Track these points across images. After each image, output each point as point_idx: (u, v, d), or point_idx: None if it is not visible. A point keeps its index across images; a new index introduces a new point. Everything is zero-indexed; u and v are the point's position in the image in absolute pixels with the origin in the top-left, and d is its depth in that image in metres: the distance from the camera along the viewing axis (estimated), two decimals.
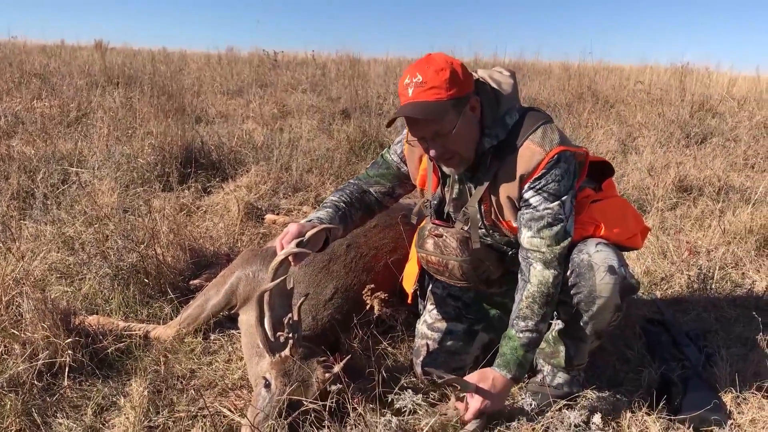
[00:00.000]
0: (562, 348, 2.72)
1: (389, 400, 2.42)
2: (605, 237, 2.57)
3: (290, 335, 2.46)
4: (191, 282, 3.51)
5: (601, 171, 2.85)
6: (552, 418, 2.47)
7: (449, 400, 2.56)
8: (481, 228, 2.65)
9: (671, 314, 3.48)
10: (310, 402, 2.35)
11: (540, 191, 2.44)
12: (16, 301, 2.94)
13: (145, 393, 2.57)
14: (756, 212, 4.56)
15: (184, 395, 2.68)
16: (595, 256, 2.47)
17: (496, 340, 2.86)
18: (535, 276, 2.45)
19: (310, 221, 2.62)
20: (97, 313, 3.17)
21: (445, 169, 2.58)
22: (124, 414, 2.49)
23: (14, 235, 3.72)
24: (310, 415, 2.32)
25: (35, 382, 2.61)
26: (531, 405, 2.56)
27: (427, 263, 2.77)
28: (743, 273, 4.08)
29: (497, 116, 2.49)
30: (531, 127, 2.48)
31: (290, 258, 2.43)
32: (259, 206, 4.79)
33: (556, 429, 2.41)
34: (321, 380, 2.41)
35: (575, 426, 2.43)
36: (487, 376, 2.43)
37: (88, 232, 3.99)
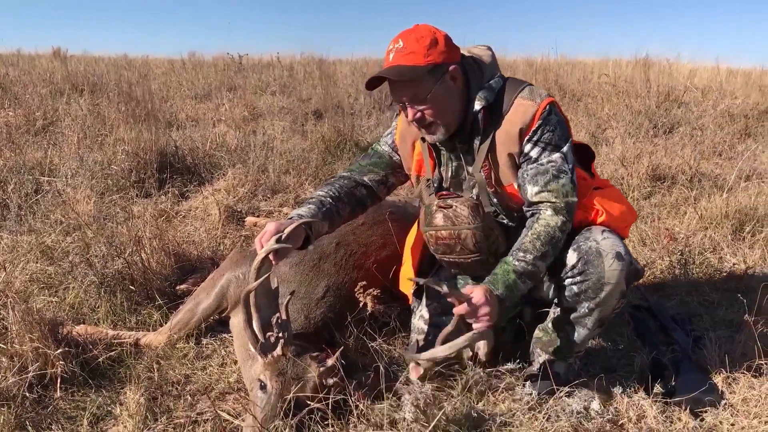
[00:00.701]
0: (559, 336, 2.72)
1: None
2: (606, 224, 2.61)
3: (280, 334, 2.44)
4: (178, 287, 3.46)
5: (582, 154, 2.89)
6: (555, 405, 2.49)
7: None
8: (487, 195, 2.67)
9: (655, 300, 3.54)
10: (310, 400, 2.33)
11: (539, 143, 2.50)
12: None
13: (141, 400, 2.52)
14: (731, 198, 4.66)
15: (181, 401, 2.64)
16: (603, 243, 2.50)
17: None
18: (544, 218, 2.47)
19: (290, 219, 2.61)
20: (84, 323, 3.10)
21: (426, 137, 2.60)
22: (122, 423, 2.44)
23: None
24: (315, 414, 2.30)
25: (27, 394, 2.55)
26: (531, 393, 2.58)
27: (437, 241, 2.70)
28: (721, 257, 4.15)
29: (482, 83, 2.56)
30: (517, 87, 2.57)
31: (271, 256, 2.42)
32: (239, 209, 4.74)
33: (558, 417, 2.43)
34: (317, 375, 2.40)
35: (577, 413, 2.46)
36: (479, 287, 2.38)
37: (66, 241, 3.93)
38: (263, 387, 2.41)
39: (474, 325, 2.35)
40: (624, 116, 7.61)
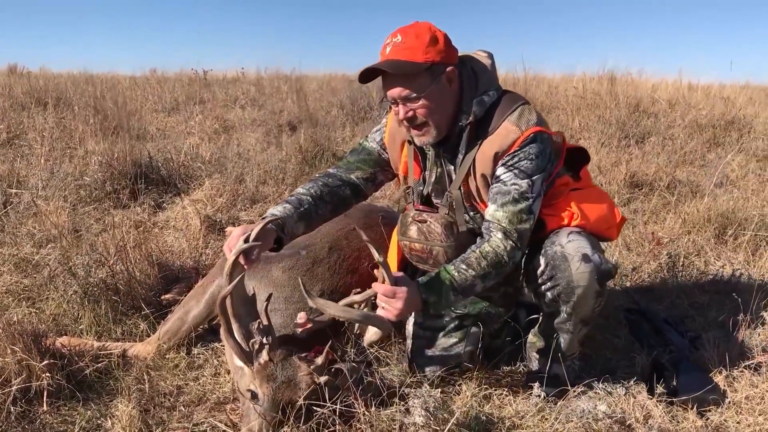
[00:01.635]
0: (551, 341, 2.70)
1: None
2: (581, 226, 2.57)
3: (263, 340, 2.34)
4: (163, 297, 3.34)
5: (575, 158, 2.87)
6: (565, 407, 2.44)
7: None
8: (464, 213, 2.62)
9: (645, 303, 3.54)
10: (314, 403, 2.25)
11: (511, 168, 2.45)
12: None
13: (134, 413, 2.40)
14: (712, 202, 4.71)
15: (175, 413, 2.53)
16: (568, 246, 2.48)
17: (487, 335, 2.84)
18: (494, 241, 2.42)
19: (263, 218, 2.53)
20: (66, 334, 2.96)
21: (415, 139, 2.54)
22: None
23: None
24: (329, 418, 2.22)
25: (12, 408, 2.40)
26: (539, 395, 2.54)
27: (411, 251, 2.71)
28: (705, 260, 4.19)
29: (475, 95, 2.50)
30: (509, 107, 2.50)
31: (241, 260, 2.33)
32: (218, 219, 4.62)
33: (569, 418, 2.38)
34: (307, 374, 2.30)
35: (588, 412, 2.42)
36: (411, 283, 2.33)
37: (41, 252, 3.78)
38: (254, 396, 2.31)
39: (379, 310, 2.31)
40: (595, 127, 7.69)
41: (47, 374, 2.52)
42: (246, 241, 2.33)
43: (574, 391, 2.53)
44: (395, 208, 2.83)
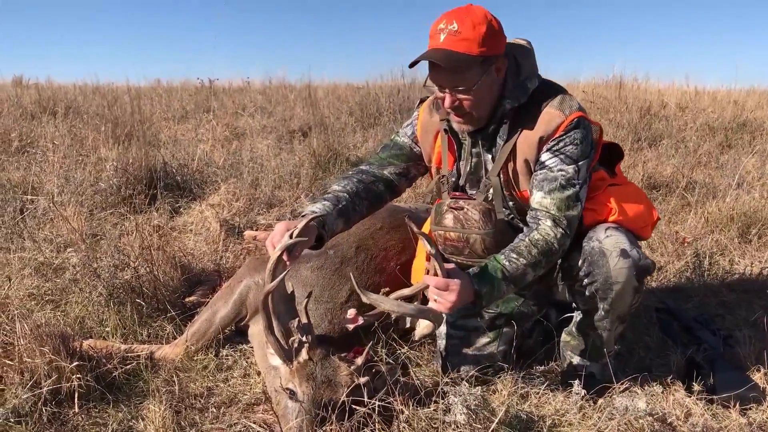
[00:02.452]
0: (586, 339, 2.66)
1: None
2: (618, 222, 2.53)
3: (303, 338, 2.32)
4: (187, 299, 3.31)
5: (610, 154, 2.84)
6: (606, 405, 2.40)
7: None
8: (502, 201, 2.58)
9: (673, 302, 3.50)
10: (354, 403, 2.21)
11: (557, 153, 2.41)
12: (1, 328, 2.70)
13: (166, 414, 2.36)
14: (735, 202, 4.68)
15: (206, 414, 2.48)
16: (606, 242, 2.43)
17: (519, 334, 2.79)
18: (543, 229, 2.37)
19: (303, 214, 2.49)
20: (91, 337, 2.92)
21: (455, 125, 2.51)
22: None
23: None
24: (368, 418, 2.17)
25: (44, 409, 2.36)
26: (580, 393, 2.49)
27: (445, 241, 2.62)
28: (730, 260, 4.14)
29: (517, 82, 2.47)
30: (550, 94, 2.47)
31: (284, 257, 2.28)
32: (235, 223, 4.59)
33: (612, 416, 2.33)
34: (347, 375, 2.27)
35: (628, 410, 2.37)
36: (463, 274, 2.26)
37: (60, 257, 3.75)
38: (293, 395, 2.27)
39: (432, 303, 2.24)
40: (607, 130, 7.65)
41: (77, 376, 2.47)
42: (289, 237, 2.28)
43: (615, 389, 2.48)
44: (428, 199, 2.77)
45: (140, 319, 3.03)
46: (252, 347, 2.91)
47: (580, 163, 2.41)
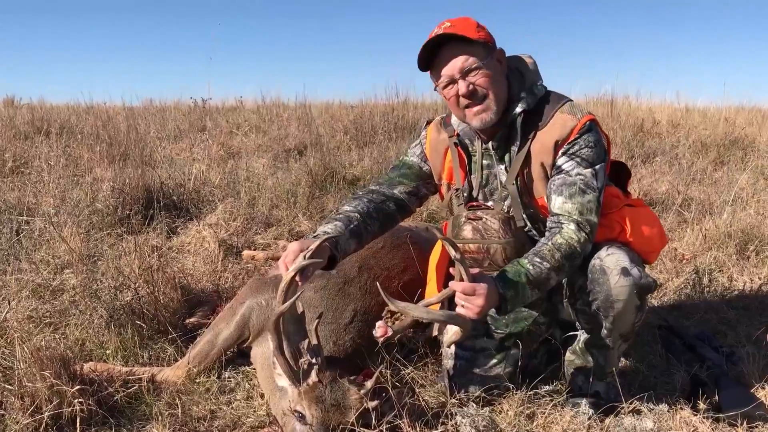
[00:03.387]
0: (590, 358, 2.65)
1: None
2: (628, 242, 2.52)
3: (313, 360, 2.30)
4: (187, 321, 3.28)
5: (617, 173, 2.85)
6: (616, 425, 2.39)
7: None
8: (520, 209, 2.57)
9: (674, 319, 3.50)
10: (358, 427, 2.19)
11: (573, 156, 2.42)
12: (0, 352, 2.68)
13: None
14: (732, 218, 4.69)
15: None
16: (607, 259, 2.43)
17: (525, 354, 2.78)
18: (566, 233, 2.36)
19: (315, 235, 2.47)
20: (91, 360, 2.89)
21: (474, 120, 2.50)
22: None
23: None
24: None
25: None
26: (587, 413, 2.47)
27: (464, 254, 2.53)
28: (729, 276, 4.15)
29: (525, 87, 2.51)
30: (558, 102, 2.50)
31: (297, 277, 2.26)
32: (232, 243, 4.57)
33: None
34: (357, 398, 2.25)
35: (634, 429, 2.36)
36: (488, 277, 2.23)
37: (58, 279, 3.72)
38: (302, 417, 2.25)
39: (459, 309, 2.21)
40: None
41: (79, 400, 2.44)
42: (304, 258, 2.27)
43: (622, 409, 2.47)
44: (443, 214, 2.76)
45: (141, 341, 3.01)
46: (254, 369, 2.88)
47: (596, 167, 2.42)
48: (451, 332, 2.30)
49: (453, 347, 2.77)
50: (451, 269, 2.30)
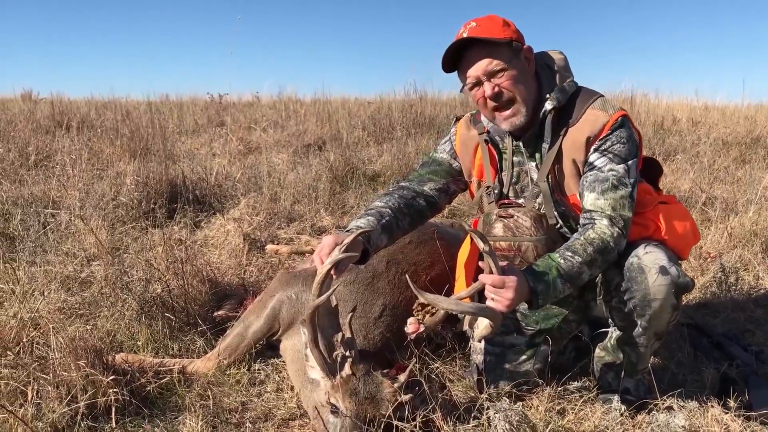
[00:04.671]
0: (621, 355, 2.64)
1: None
2: (661, 239, 2.52)
3: (347, 353, 2.31)
4: (215, 313, 3.30)
5: (649, 169, 2.83)
6: (648, 421, 2.39)
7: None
8: (552, 207, 2.56)
9: (701, 317, 3.49)
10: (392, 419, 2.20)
11: (605, 152, 2.42)
12: (35, 342, 2.71)
13: (203, 429, 2.35)
14: (758, 216, 4.66)
15: (242, 429, 2.48)
16: (645, 258, 2.41)
17: (555, 351, 2.77)
18: (599, 227, 2.36)
19: (348, 230, 2.49)
20: (122, 351, 2.92)
21: (503, 123, 2.51)
22: None
23: (12, 278, 3.42)
24: None
25: (82, 424, 2.35)
26: (619, 409, 2.47)
27: (495, 252, 2.57)
28: (755, 275, 4.13)
29: (555, 84, 2.51)
30: (589, 98, 2.50)
31: (332, 271, 2.28)
32: (255, 237, 4.59)
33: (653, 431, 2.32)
34: (391, 392, 2.26)
35: (667, 426, 2.36)
36: (518, 272, 2.22)
37: (88, 270, 3.75)
38: (335, 411, 2.26)
39: (489, 302, 2.20)
40: None
41: (114, 390, 2.47)
42: (339, 251, 2.28)
43: (654, 405, 2.46)
44: (474, 212, 2.76)
45: (171, 333, 3.03)
46: (284, 362, 2.90)
47: (629, 162, 2.42)
48: (482, 327, 2.30)
49: (483, 343, 2.78)
50: (480, 263, 2.30)
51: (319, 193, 5.63)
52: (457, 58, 2.47)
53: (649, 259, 2.40)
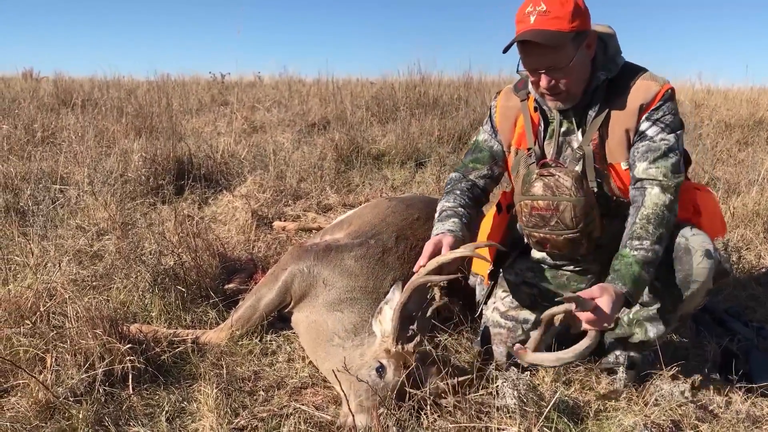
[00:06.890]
0: (637, 330, 2.63)
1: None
2: (700, 225, 2.54)
3: (419, 334, 2.44)
4: (226, 286, 3.36)
5: None
6: (653, 392, 2.44)
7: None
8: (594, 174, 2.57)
9: None
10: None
11: (657, 122, 2.44)
12: (50, 312, 2.76)
13: (218, 396, 2.41)
14: (760, 197, 4.71)
15: (255, 397, 2.53)
16: (692, 239, 2.42)
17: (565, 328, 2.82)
18: (651, 199, 2.37)
19: (440, 233, 2.57)
20: (136, 322, 2.97)
21: (549, 103, 2.54)
22: (204, 418, 2.32)
23: (25, 250, 3.47)
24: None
25: (101, 390, 2.41)
26: (625, 377, 2.53)
27: (531, 211, 2.54)
28: (757, 254, 4.17)
29: (607, 56, 2.53)
30: (638, 70, 2.54)
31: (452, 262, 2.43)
32: (262, 214, 4.64)
33: (657, 402, 2.38)
34: (433, 389, 2.36)
35: (671, 395, 2.42)
36: (606, 290, 2.19)
37: (98, 244, 3.81)
38: (381, 369, 2.36)
39: (589, 328, 2.20)
40: None
41: (131, 358, 2.52)
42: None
43: (658, 376, 2.52)
44: (513, 173, 2.75)
45: (183, 304, 3.08)
46: (295, 333, 2.96)
47: (678, 132, 2.46)
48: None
49: (496, 315, 2.82)
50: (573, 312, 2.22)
51: (325, 172, 5.68)
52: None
53: (696, 241, 2.42)
